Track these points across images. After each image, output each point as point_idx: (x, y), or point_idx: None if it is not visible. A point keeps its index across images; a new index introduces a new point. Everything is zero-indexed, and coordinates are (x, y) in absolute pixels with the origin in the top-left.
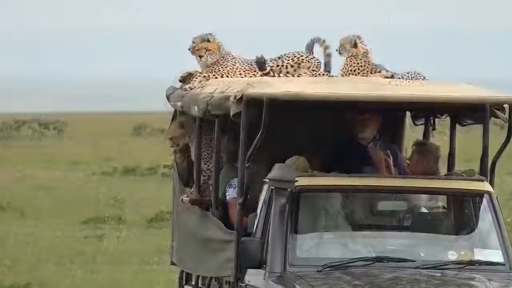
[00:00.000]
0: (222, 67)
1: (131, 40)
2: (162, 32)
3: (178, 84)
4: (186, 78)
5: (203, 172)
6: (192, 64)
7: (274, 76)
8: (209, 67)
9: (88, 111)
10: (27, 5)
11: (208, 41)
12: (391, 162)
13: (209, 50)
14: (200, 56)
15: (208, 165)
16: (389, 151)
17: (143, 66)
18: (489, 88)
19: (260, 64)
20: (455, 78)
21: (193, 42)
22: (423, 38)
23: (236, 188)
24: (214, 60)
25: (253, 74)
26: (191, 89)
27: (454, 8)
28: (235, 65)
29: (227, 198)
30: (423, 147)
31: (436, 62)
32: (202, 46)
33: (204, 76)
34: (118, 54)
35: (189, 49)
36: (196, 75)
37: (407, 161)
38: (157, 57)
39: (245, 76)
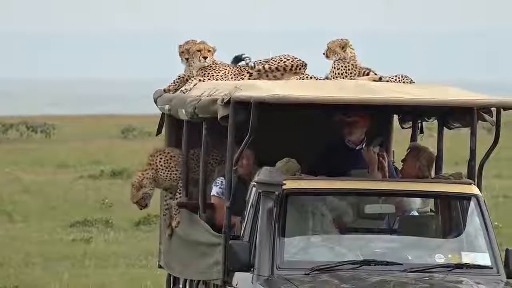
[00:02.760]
0: (215, 71)
1: (118, 43)
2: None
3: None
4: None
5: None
6: (178, 67)
7: (255, 72)
8: (202, 70)
9: (75, 114)
10: (13, 5)
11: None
12: (386, 163)
13: (209, 51)
14: (204, 57)
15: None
16: (381, 155)
17: (130, 68)
18: (475, 91)
19: (237, 60)
20: (440, 81)
21: (187, 43)
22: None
23: (218, 186)
24: (210, 63)
25: (241, 78)
26: (186, 91)
27: (434, 10)
28: (226, 69)
29: (210, 193)
30: (417, 151)
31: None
32: (203, 47)
33: (200, 80)
34: (105, 56)
35: (182, 51)
36: (190, 78)
37: (394, 164)
38: (144, 60)
39: (236, 79)
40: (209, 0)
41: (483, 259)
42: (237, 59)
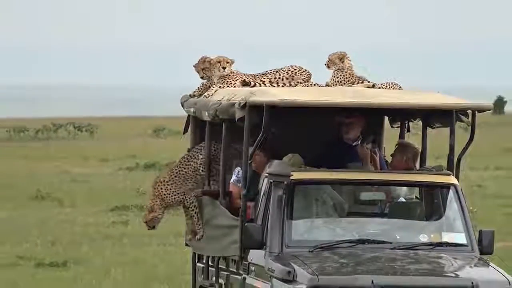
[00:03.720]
0: (233, 79)
1: (153, 54)
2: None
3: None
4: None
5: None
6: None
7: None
8: (221, 78)
9: (115, 115)
10: (66, 19)
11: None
12: (378, 158)
13: (228, 62)
14: (223, 68)
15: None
16: (374, 150)
17: (162, 75)
18: (454, 95)
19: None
20: (424, 87)
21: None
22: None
23: (235, 175)
24: (228, 72)
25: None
26: (209, 96)
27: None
28: (242, 77)
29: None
30: (404, 147)
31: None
32: (222, 59)
33: (220, 87)
34: (140, 65)
35: (202, 68)
36: (212, 85)
37: (386, 158)
38: (172, 68)
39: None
40: (227, 16)
41: (460, 238)
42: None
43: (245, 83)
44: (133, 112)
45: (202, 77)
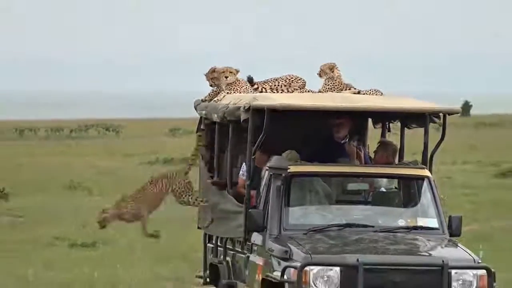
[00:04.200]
0: (239, 86)
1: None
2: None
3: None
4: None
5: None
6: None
7: (261, 91)
8: (228, 85)
9: (136, 117)
10: (103, 31)
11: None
12: (362, 154)
13: (231, 72)
14: (226, 77)
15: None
16: (359, 147)
17: (175, 82)
18: (428, 101)
19: (250, 81)
20: (403, 93)
21: (215, 68)
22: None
23: (241, 170)
24: (233, 80)
25: (252, 91)
26: (218, 101)
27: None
28: (247, 85)
29: (237, 175)
30: (385, 145)
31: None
32: (226, 69)
33: (227, 92)
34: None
35: (211, 77)
36: (220, 92)
37: (370, 154)
38: (186, 76)
39: (249, 92)
40: (240, 28)
41: (433, 223)
42: (249, 79)
43: (250, 82)
44: (153, 115)
45: (211, 85)
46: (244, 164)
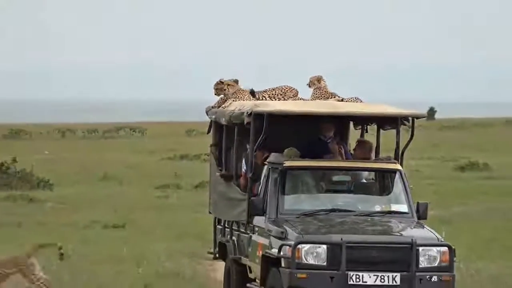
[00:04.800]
0: (242, 95)
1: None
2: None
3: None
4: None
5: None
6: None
7: (261, 99)
8: (234, 94)
9: (157, 120)
10: (134, 37)
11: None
12: (344, 152)
13: (229, 85)
14: (229, 86)
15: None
16: (342, 146)
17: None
18: (401, 107)
19: (252, 93)
20: (379, 101)
21: (222, 81)
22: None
23: (244, 165)
24: (235, 90)
25: (253, 99)
26: (225, 107)
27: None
28: (247, 94)
29: (242, 169)
30: (363, 143)
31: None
32: (228, 82)
33: (233, 100)
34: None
35: (222, 82)
36: (227, 99)
37: (351, 151)
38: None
39: (250, 100)
40: (251, 38)
41: (404, 208)
42: (251, 92)
43: (252, 94)
44: (172, 118)
45: (217, 95)
46: (244, 161)
